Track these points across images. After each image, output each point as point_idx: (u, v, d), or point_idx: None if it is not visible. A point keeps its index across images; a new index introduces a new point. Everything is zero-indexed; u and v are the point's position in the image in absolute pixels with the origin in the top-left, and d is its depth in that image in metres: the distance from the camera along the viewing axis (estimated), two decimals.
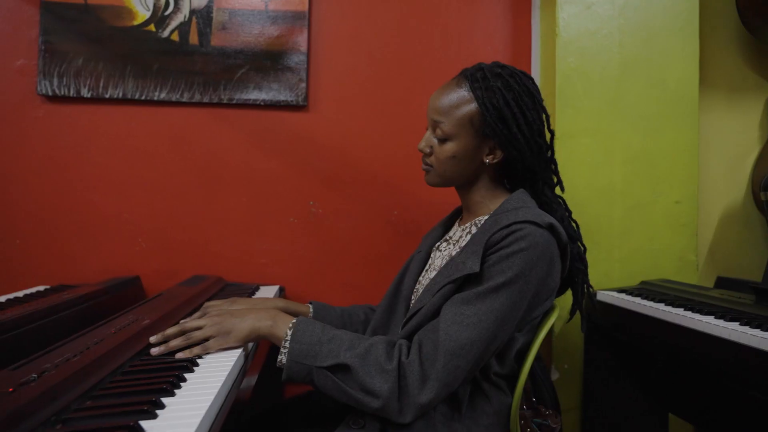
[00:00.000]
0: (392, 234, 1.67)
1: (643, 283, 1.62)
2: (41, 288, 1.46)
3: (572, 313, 1.02)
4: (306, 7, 1.64)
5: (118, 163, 1.60)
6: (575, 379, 1.63)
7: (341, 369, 0.78)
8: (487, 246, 0.82)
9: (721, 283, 1.63)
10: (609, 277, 1.65)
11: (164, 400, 0.62)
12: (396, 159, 1.69)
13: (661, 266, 1.67)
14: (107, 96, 1.57)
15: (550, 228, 0.84)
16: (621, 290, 1.54)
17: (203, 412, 0.59)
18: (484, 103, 0.90)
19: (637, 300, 1.40)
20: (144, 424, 0.55)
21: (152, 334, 0.85)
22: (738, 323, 1.11)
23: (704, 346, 1.14)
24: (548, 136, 1.00)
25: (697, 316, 1.19)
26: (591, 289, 1.05)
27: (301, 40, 1.63)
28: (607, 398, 1.62)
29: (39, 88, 1.55)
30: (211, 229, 1.63)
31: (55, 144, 1.57)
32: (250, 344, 0.91)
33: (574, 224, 1.00)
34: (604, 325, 1.55)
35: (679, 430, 1.70)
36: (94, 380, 0.65)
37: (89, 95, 1.57)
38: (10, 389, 0.57)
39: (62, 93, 1.55)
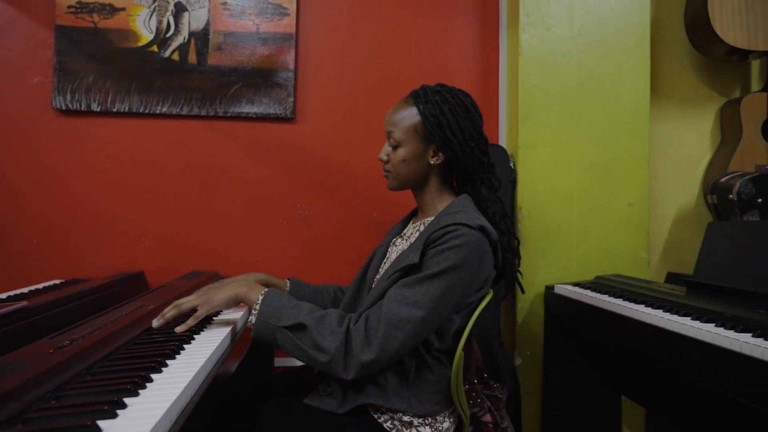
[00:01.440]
0: (371, 233, 1.85)
1: (597, 277, 1.79)
2: (56, 281, 1.63)
3: (504, 296, 1.18)
4: (293, 29, 1.81)
5: (124, 170, 1.78)
6: (536, 364, 1.80)
7: (299, 328, 0.95)
8: (427, 242, 1.00)
9: (671, 278, 1.80)
10: (568, 272, 1.82)
11: (168, 361, 0.79)
12: (376, 166, 1.85)
13: (616, 263, 1.84)
14: (115, 110, 1.75)
15: (481, 229, 1.01)
16: (575, 284, 1.71)
17: (191, 375, 0.75)
18: (424, 113, 1.09)
19: (587, 292, 1.57)
20: (154, 377, 0.72)
21: (155, 316, 1.03)
22: (662, 310, 1.28)
23: (639, 333, 1.30)
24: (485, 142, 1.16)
25: (630, 304, 1.36)
26: (520, 275, 1.21)
27: (289, 59, 1.81)
28: (565, 382, 1.79)
29: (54, 103, 1.72)
30: (208, 229, 1.81)
31: (68, 153, 1.75)
32: (239, 325, 1.08)
33: (507, 221, 1.16)
34: (561, 315, 1.73)
35: (630, 411, 1.87)
36: (112, 347, 0.83)
37: (98, 109, 1.74)
38: (51, 350, 0.74)
39: (74, 107, 1.73)
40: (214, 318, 1.14)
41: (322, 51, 1.86)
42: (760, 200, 1.83)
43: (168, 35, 1.77)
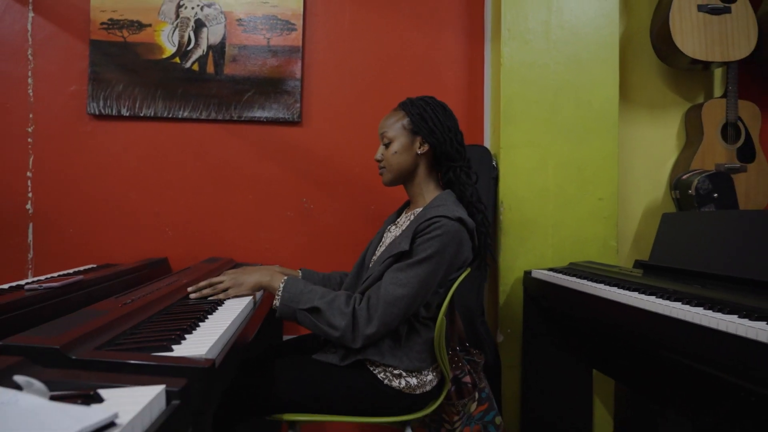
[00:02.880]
0: (369, 224, 2.07)
1: (571, 264, 2.01)
2: (92, 266, 1.86)
3: (482, 264, 1.39)
4: (300, 43, 2.04)
5: (150, 168, 2.00)
6: (516, 341, 2.02)
7: (315, 311, 1.18)
8: (415, 232, 1.22)
9: (637, 264, 2.03)
10: (544, 259, 2.04)
11: (201, 322, 1.01)
12: (373, 165, 2.07)
13: (588, 251, 2.06)
14: (142, 114, 1.98)
15: (459, 220, 1.23)
16: (551, 269, 1.93)
17: (228, 324, 0.97)
18: (411, 112, 1.32)
19: (560, 276, 1.79)
20: (200, 324, 0.94)
21: (190, 287, 1.25)
22: (617, 287, 1.50)
23: (600, 306, 1.51)
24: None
25: (592, 283, 1.58)
26: (492, 260, 1.43)
27: (296, 69, 2.03)
28: (542, 357, 2.00)
29: (88, 109, 1.95)
30: (223, 221, 2.03)
31: (101, 153, 1.98)
32: (258, 294, 1.31)
33: (482, 203, 1.37)
34: (537, 297, 1.95)
35: (601, 383, 2.08)
36: (163, 306, 1.05)
37: (128, 114, 1.97)
38: (121, 305, 0.97)
39: (106, 112, 1.96)
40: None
41: (326, 62, 2.08)
42: (715, 195, 2.05)
43: (189, 48, 1.99)
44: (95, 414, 0.49)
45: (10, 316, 0.96)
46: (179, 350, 0.78)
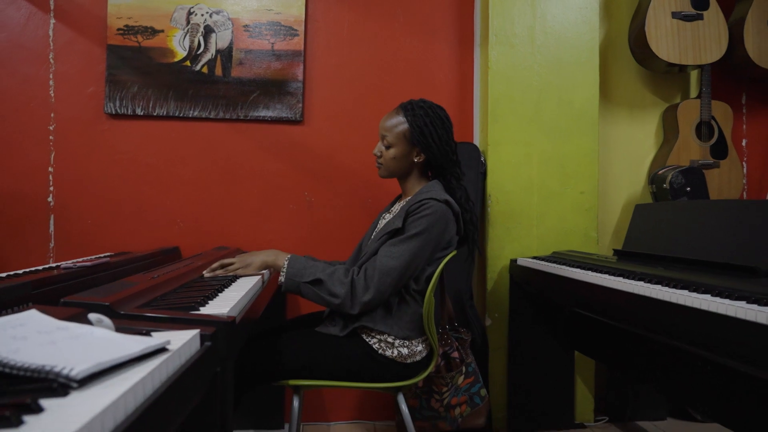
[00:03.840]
0: (366, 217, 2.22)
1: (554, 253, 2.16)
2: (109, 254, 2.01)
3: (471, 255, 1.55)
4: (302, 47, 2.19)
5: (163, 164, 2.15)
6: (503, 325, 2.17)
7: (317, 282, 1.33)
8: (407, 212, 1.37)
9: (615, 253, 2.18)
10: (529, 249, 2.19)
11: (219, 293, 1.16)
12: (370, 162, 2.22)
13: (570, 241, 2.21)
14: (155, 114, 2.13)
15: (446, 202, 1.38)
16: (535, 257, 2.09)
17: (242, 294, 1.13)
18: (412, 124, 1.46)
19: (543, 263, 1.95)
20: (210, 302, 1.09)
21: (203, 269, 1.40)
22: (591, 271, 1.65)
23: (577, 288, 1.66)
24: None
25: (569, 268, 1.73)
26: (479, 248, 1.58)
27: (299, 72, 2.19)
28: (527, 339, 2.15)
29: (105, 109, 2.10)
30: (230, 213, 2.18)
31: (117, 150, 2.13)
32: (266, 275, 1.46)
33: (470, 202, 1.53)
34: (522, 283, 2.10)
35: (582, 364, 2.23)
36: (182, 282, 1.20)
37: (142, 113, 2.12)
38: (149, 278, 1.12)
39: (122, 112, 2.11)
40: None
41: (326, 65, 2.24)
42: (688, 189, 2.20)
43: (199, 52, 2.15)
44: (153, 341, 0.64)
45: (53, 288, 1.11)
46: (205, 310, 0.93)
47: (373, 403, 2.23)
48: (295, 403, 1.40)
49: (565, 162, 2.21)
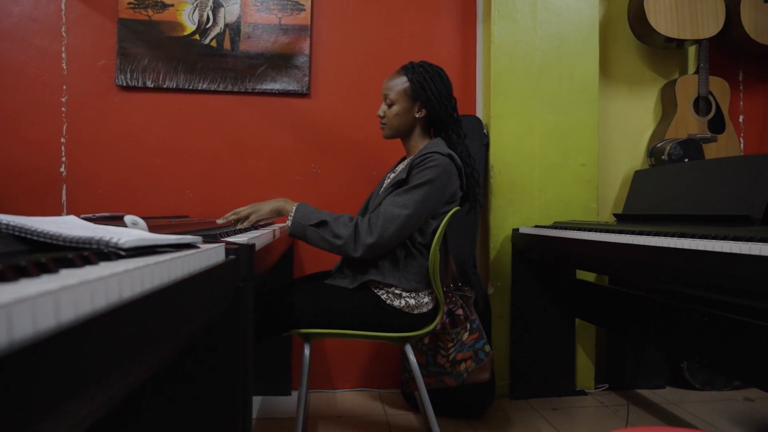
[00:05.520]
0: (371, 187, 2.26)
1: (555, 222, 2.21)
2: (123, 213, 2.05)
3: (472, 207, 1.59)
4: (309, 22, 2.24)
5: (173, 136, 2.20)
6: (506, 293, 2.22)
7: (322, 224, 1.37)
8: (412, 165, 1.42)
9: (615, 216, 2.21)
10: (530, 219, 2.24)
11: (238, 233, 1.21)
12: (375, 133, 2.28)
13: (570, 212, 2.26)
14: (165, 86, 2.17)
15: (449, 156, 1.43)
16: (537, 226, 2.14)
17: (258, 234, 1.17)
18: (412, 80, 1.51)
19: (544, 228, 1.99)
20: (227, 238, 1.14)
21: (216, 225, 1.45)
22: (592, 231, 1.70)
23: (580, 248, 1.71)
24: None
25: (570, 231, 1.78)
26: (481, 202, 1.63)
27: (305, 46, 2.23)
28: (529, 307, 2.20)
29: (116, 81, 2.15)
30: (238, 184, 2.23)
31: (128, 122, 2.17)
32: (276, 229, 1.50)
33: (471, 158, 1.57)
34: (524, 250, 2.15)
35: (583, 332, 2.28)
36: (199, 227, 1.25)
37: (152, 86, 2.17)
38: (168, 223, 1.16)
39: (133, 84, 2.15)
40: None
41: (332, 39, 2.28)
42: (686, 160, 2.25)
43: (207, 26, 2.19)
44: (185, 237, 0.69)
45: None
46: (228, 238, 0.98)
47: (378, 371, 2.28)
48: (306, 351, 1.44)
49: (565, 135, 2.26)
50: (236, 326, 0.82)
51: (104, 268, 0.46)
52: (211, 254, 0.73)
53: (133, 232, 0.65)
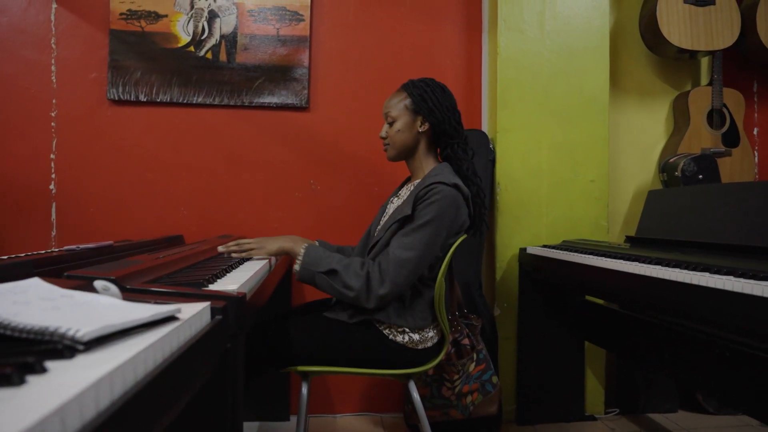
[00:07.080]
0: (372, 204, 2.17)
1: (564, 241, 2.12)
2: (111, 242, 1.97)
3: (478, 229, 1.50)
4: (308, 33, 2.15)
5: (167, 151, 2.12)
6: (512, 314, 2.14)
7: (332, 273, 1.29)
8: (416, 199, 1.33)
9: (626, 239, 2.14)
10: (539, 237, 2.15)
11: (227, 273, 1.13)
12: (376, 148, 2.18)
13: (580, 230, 2.18)
14: (158, 100, 2.09)
15: (455, 186, 1.34)
16: (545, 246, 2.05)
17: (251, 274, 1.09)
18: (412, 93, 1.43)
19: (553, 250, 1.91)
20: (218, 280, 1.06)
21: (210, 254, 1.36)
22: (603, 257, 1.62)
23: (591, 275, 1.61)
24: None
25: (580, 255, 1.70)
26: (487, 222, 1.54)
27: (304, 58, 2.15)
28: (537, 329, 2.11)
29: (108, 95, 2.07)
30: (235, 201, 2.15)
31: (120, 136, 2.09)
32: (273, 259, 1.42)
33: (478, 177, 1.48)
34: (532, 271, 2.06)
35: (593, 356, 2.20)
36: (189, 263, 1.17)
37: (145, 99, 2.08)
38: (155, 257, 1.08)
39: (125, 98, 2.07)
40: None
41: (332, 51, 2.20)
42: (700, 176, 2.17)
43: (203, 38, 2.11)
44: (163, 308, 0.61)
45: (56, 267, 1.08)
46: (213, 287, 0.90)
47: (380, 395, 2.19)
48: (304, 390, 1.36)
49: (574, 149, 2.17)
50: (220, 397, 0.74)
51: (52, 391, 0.38)
52: (194, 322, 0.65)
53: (100, 307, 0.57)
